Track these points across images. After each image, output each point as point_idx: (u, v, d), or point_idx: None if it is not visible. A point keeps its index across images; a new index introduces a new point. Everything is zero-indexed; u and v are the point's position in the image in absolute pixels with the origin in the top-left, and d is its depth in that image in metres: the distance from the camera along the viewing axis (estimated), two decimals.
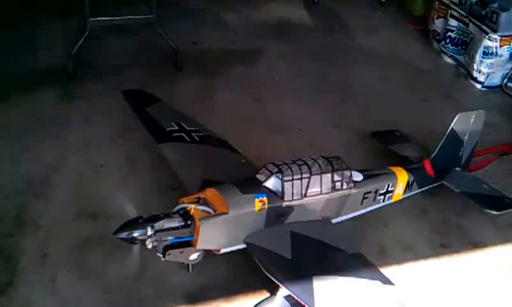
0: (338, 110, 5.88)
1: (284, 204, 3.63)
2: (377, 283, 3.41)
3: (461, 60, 6.82)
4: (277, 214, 3.63)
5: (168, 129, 4.47)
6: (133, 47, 6.78)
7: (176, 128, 4.50)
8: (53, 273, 3.79)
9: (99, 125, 5.33)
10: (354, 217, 4.13)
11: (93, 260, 3.90)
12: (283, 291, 3.48)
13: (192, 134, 4.46)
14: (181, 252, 3.37)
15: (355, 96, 6.16)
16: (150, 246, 3.25)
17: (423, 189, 4.50)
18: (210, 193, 3.51)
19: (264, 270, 3.38)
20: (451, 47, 6.96)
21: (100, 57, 6.52)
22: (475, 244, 4.26)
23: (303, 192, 3.68)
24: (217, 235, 3.45)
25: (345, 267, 3.52)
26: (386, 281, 3.44)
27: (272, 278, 3.36)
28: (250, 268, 3.63)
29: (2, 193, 4.43)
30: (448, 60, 7.02)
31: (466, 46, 6.71)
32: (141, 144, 4.92)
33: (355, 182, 3.98)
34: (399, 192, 4.30)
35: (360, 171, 4.11)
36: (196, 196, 3.52)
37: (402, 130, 5.23)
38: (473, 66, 6.48)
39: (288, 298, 3.49)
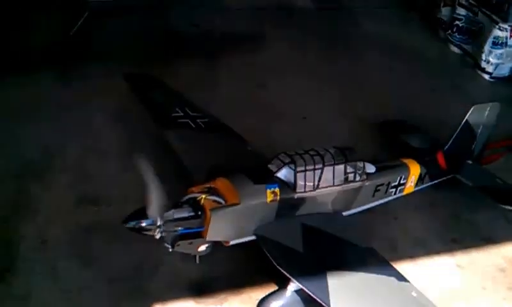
0: (343, 99, 5.76)
1: (296, 196, 3.51)
2: (392, 279, 3.30)
3: (468, 49, 6.71)
4: (288, 206, 3.51)
5: (172, 115, 4.32)
6: (134, 29, 6.60)
7: (181, 114, 4.35)
8: (53, 260, 3.65)
9: (99, 108, 5.16)
10: (364, 209, 4.02)
11: (95, 248, 3.76)
12: (294, 285, 3.37)
13: (198, 121, 4.31)
14: (190, 243, 3.23)
15: (360, 85, 6.03)
16: (158, 236, 3.11)
17: (435, 182, 4.38)
18: (220, 183, 3.38)
19: (275, 264, 3.26)
20: (458, 36, 6.85)
21: (100, 38, 6.33)
22: (487, 239, 4.16)
23: (316, 184, 3.56)
24: (227, 227, 3.32)
25: (358, 262, 3.41)
26: (400, 277, 3.33)
27: (283, 272, 3.24)
28: (258, 260, 3.52)
29: None
30: (455, 49, 6.90)
31: (474, 35, 6.59)
32: (142, 128, 4.77)
33: (368, 174, 3.86)
34: (410, 184, 4.19)
35: (372, 163, 3.99)
36: (206, 185, 3.38)
37: (411, 120, 5.10)
38: (481, 56, 6.36)
39: (299, 292, 3.38)
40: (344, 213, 3.86)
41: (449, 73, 6.53)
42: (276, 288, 3.52)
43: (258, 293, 3.55)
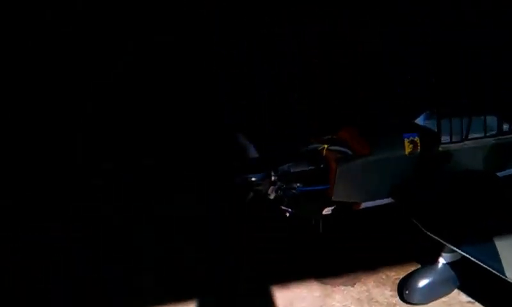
0: None
1: (440, 147, 2.82)
2: None
3: None
4: (431, 160, 2.82)
5: None
6: None
7: None
8: None
9: None
10: None
11: None
12: (447, 256, 2.69)
13: None
14: (313, 204, 2.64)
15: None
16: (272, 196, 2.55)
17: None
18: (346, 132, 2.78)
19: (424, 230, 2.56)
20: None
21: None
22: None
23: (464, 133, 2.85)
24: (357, 183, 2.69)
25: None
26: None
27: (435, 238, 2.55)
28: (395, 231, 2.94)
29: None
30: None
31: None
32: None
33: None
34: None
35: None
36: (328, 137, 2.78)
37: None
38: None
39: (453, 265, 2.69)
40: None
41: None
42: (418, 266, 2.86)
43: (398, 272, 2.90)
